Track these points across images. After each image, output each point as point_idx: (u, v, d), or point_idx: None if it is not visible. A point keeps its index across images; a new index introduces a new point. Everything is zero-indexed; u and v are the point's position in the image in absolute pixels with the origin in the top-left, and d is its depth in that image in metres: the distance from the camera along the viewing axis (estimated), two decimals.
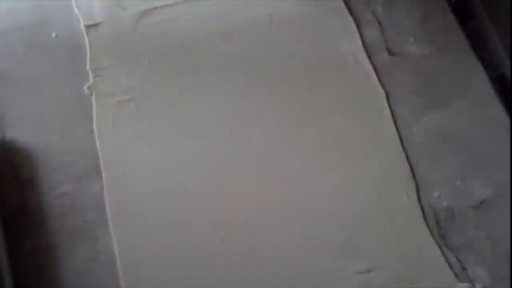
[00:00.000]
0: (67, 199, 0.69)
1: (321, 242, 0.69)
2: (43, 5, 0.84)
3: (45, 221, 0.67)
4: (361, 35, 0.83)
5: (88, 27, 0.82)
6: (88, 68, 0.78)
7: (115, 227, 0.68)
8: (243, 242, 0.68)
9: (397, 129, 0.77)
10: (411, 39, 0.84)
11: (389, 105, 0.78)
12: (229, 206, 0.70)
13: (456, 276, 0.68)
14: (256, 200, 0.71)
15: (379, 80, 0.80)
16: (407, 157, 0.75)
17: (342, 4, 0.86)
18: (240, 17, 0.84)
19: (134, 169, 0.72)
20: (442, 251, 0.69)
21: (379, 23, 0.85)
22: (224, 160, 0.73)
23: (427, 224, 0.70)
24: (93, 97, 0.76)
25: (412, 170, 0.74)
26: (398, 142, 0.76)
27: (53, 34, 0.81)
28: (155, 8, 0.84)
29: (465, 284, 0.67)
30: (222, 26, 0.83)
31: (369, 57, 0.82)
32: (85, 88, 0.76)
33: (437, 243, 0.69)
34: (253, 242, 0.68)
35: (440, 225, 0.71)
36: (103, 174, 0.71)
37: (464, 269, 0.68)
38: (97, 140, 0.73)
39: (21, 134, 0.73)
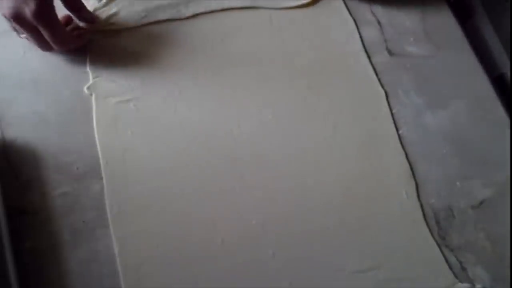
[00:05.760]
0: (67, 199, 0.69)
1: (320, 242, 0.69)
2: None
3: (45, 221, 0.67)
4: (361, 35, 0.84)
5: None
6: (88, 68, 0.78)
7: (115, 227, 0.68)
8: (243, 242, 0.68)
9: (397, 129, 0.77)
10: (411, 39, 0.84)
11: (389, 105, 0.78)
12: (229, 206, 0.70)
13: (456, 276, 0.68)
14: (256, 200, 0.71)
15: (379, 80, 0.80)
16: (407, 157, 0.75)
17: (342, 4, 0.86)
18: (240, 17, 0.84)
19: (134, 169, 0.72)
20: (442, 251, 0.69)
21: (379, 23, 0.85)
22: (224, 160, 0.73)
23: (427, 224, 0.71)
24: (93, 97, 0.76)
25: (412, 169, 0.74)
26: (398, 142, 0.76)
27: None
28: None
29: (465, 284, 0.67)
30: (222, 26, 0.83)
31: (369, 57, 0.82)
32: (85, 88, 0.76)
33: (437, 243, 0.69)
34: (253, 242, 0.68)
35: (440, 225, 0.71)
36: (103, 174, 0.71)
37: (464, 269, 0.68)
38: (97, 140, 0.73)
39: (21, 134, 0.73)
